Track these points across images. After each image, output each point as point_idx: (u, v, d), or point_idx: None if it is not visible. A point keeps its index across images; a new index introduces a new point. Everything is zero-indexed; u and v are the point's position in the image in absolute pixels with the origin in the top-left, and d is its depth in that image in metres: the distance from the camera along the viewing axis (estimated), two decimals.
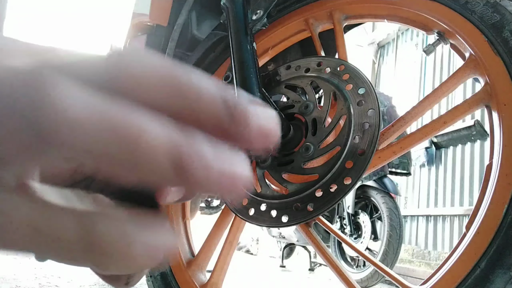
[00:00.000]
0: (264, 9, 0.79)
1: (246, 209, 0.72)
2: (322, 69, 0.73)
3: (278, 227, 1.01)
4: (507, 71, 0.61)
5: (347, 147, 0.64)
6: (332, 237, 3.28)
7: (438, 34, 0.74)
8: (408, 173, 3.05)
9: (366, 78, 0.68)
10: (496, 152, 0.61)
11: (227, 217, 0.90)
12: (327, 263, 0.73)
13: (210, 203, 2.40)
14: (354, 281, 0.70)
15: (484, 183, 0.61)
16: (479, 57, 0.66)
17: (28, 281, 1.43)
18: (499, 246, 0.54)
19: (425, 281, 0.62)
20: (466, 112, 0.68)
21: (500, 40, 0.63)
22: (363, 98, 0.66)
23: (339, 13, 0.87)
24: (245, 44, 0.74)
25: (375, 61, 6.06)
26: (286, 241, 4.01)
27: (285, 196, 0.68)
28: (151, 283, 0.92)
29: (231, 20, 0.77)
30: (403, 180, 4.65)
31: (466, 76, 0.70)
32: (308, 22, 0.91)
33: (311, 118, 0.69)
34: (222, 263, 0.86)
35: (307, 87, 0.74)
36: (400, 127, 0.70)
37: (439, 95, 0.71)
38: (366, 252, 2.92)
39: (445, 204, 4.20)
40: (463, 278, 0.56)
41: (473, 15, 0.67)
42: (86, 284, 1.58)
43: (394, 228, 2.74)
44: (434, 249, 4.12)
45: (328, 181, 0.64)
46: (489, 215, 0.57)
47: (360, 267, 3.20)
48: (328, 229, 0.76)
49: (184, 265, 0.90)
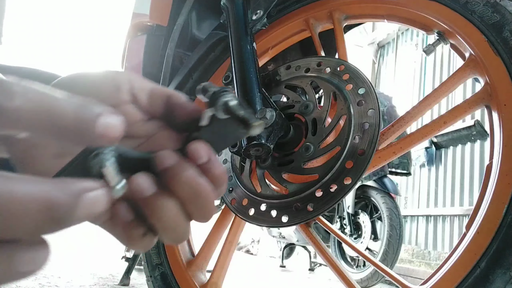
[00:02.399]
0: (264, 9, 0.79)
1: (246, 209, 0.72)
2: (322, 69, 0.73)
3: (278, 227, 1.01)
4: (507, 71, 0.61)
5: (347, 147, 0.64)
6: (332, 237, 3.28)
7: (438, 34, 0.74)
8: (408, 173, 3.05)
9: (366, 78, 0.68)
10: (496, 152, 0.61)
11: (227, 217, 0.90)
12: (327, 263, 0.73)
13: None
14: (354, 281, 0.70)
15: (484, 183, 0.61)
16: (479, 57, 0.66)
17: (28, 281, 1.43)
18: (499, 246, 0.54)
19: (425, 281, 0.62)
20: (466, 112, 0.68)
21: (500, 40, 0.63)
22: (363, 98, 0.66)
23: (339, 13, 0.87)
24: (245, 44, 0.74)
25: (375, 61, 6.06)
26: (286, 241, 4.01)
27: (285, 196, 0.68)
28: (151, 283, 0.92)
29: (231, 20, 0.77)
30: (403, 180, 4.65)
31: (466, 76, 0.70)
32: (308, 22, 0.91)
33: (311, 118, 0.69)
34: (222, 263, 0.86)
35: (307, 87, 0.74)
36: (400, 127, 0.70)
37: (439, 95, 0.71)
38: (366, 252, 2.92)
39: (445, 204, 4.20)
40: (463, 278, 0.56)
41: (473, 15, 0.67)
42: (86, 284, 1.58)
43: (394, 228, 2.74)
44: (434, 249, 4.12)
45: (328, 181, 0.64)
46: (489, 215, 0.57)
47: (360, 267, 3.20)
48: (328, 229, 0.76)
49: (184, 265, 0.90)
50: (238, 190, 0.76)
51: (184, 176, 0.27)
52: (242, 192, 0.75)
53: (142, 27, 1.17)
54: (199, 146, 0.29)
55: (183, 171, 0.28)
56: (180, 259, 0.90)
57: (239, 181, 0.76)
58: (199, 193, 0.28)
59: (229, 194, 0.77)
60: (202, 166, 0.29)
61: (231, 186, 0.77)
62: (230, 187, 0.77)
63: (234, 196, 0.76)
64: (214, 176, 0.29)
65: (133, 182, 0.27)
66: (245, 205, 0.73)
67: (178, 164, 0.28)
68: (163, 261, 0.91)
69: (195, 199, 0.28)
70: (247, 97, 0.69)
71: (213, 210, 0.30)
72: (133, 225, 0.28)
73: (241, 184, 0.76)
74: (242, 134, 0.32)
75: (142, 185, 0.27)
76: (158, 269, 0.91)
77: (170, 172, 0.28)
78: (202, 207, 0.29)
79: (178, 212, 0.28)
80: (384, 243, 2.73)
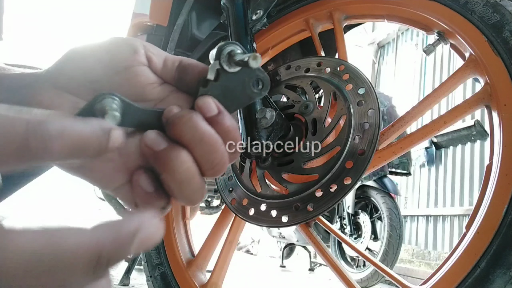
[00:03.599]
0: (264, 9, 0.79)
1: (246, 209, 0.72)
2: (322, 69, 0.73)
3: (278, 227, 1.01)
4: (507, 71, 0.61)
5: (347, 147, 0.64)
6: (332, 237, 3.28)
7: (438, 34, 0.74)
8: (408, 173, 3.05)
9: (366, 78, 0.68)
10: (496, 152, 0.61)
11: (227, 217, 0.90)
12: (327, 263, 0.73)
13: (210, 203, 2.40)
14: (354, 281, 0.70)
15: (484, 183, 0.61)
16: (479, 57, 0.66)
17: None
18: (499, 246, 0.54)
19: (425, 281, 0.62)
20: (466, 112, 0.68)
21: (500, 40, 0.63)
22: (363, 98, 0.66)
23: (339, 13, 0.87)
24: (245, 44, 0.74)
25: (375, 61, 6.06)
26: (286, 241, 4.01)
27: (285, 196, 0.68)
28: (151, 283, 0.92)
29: (231, 20, 0.77)
30: (403, 180, 4.65)
31: (466, 76, 0.70)
32: (308, 22, 0.91)
33: (311, 118, 0.69)
34: (222, 263, 0.86)
35: (307, 87, 0.74)
36: (400, 127, 0.70)
37: (439, 95, 0.71)
38: (366, 252, 2.92)
39: (445, 204, 4.20)
40: (463, 278, 0.56)
41: (473, 15, 0.67)
42: None
43: (394, 228, 2.74)
44: (434, 249, 4.12)
45: (328, 181, 0.64)
46: (489, 215, 0.57)
47: (360, 267, 3.20)
48: (328, 229, 0.76)
49: (184, 265, 0.90)
50: (238, 190, 0.76)
51: (188, 122, 0.27)
52: (242, 192, 0.75)
53: (142, 27, 1.17)
54: (206, 100, 0.29)
55: (187, 118, 0.28)
56: (180, 259, 0.90)
57: (239, 181, 0.76)
58: (206, 141, 0.28)
59: (229, 194, 0.77)
60: (211, 119, 0.29)
61: (231, 186, 0.77)
62: (230, 187, 0.77)
63: (234, 196, 0.76)
64: (224, 129, 0.29)
65: (144, 139, 0.28)
66: (245, 205, 0.73)
67: (182, 113, 0.28)
68: (163, 261, 0.91)
69: (203, 149, 0.28)
70: None
71: (225, 163, 0.29)
72: (153, 197, 0.29)
73: (241, 184, 0.76)
74: (250, 91, 0.31)
75: (152, 141, 0.28)
76: (158, 269, 0.91)
77: (175, 121, 0.28)
78: (212, 158, 0.28)
79: (191, 165, 0.28)
80: (384, 243, 2.73)
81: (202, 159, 0.28)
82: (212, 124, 0.28)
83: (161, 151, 0.27)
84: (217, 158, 0.28)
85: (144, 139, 0.28)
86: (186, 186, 0.28)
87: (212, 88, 0.30)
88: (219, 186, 0.79)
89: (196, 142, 0.28)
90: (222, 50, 0.30)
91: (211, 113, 0.29)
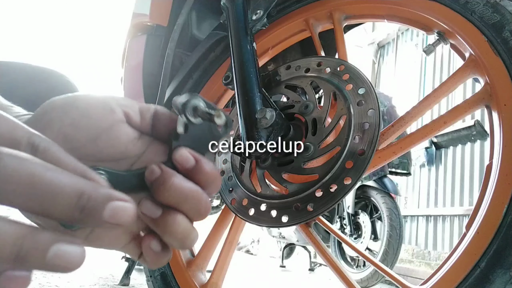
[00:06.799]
0: (264, 9, 0.79)
1: (246, 209, 0.72)
2: (322, 69, 0.73)
3: (278, 227, 1.01)
4: (507, 71, 0.61)
5: (347, 147, 0.64)
6: (332, 237, 3.28)
7: (438, 34, 0.74)
8: (408, 173, 3.05)
9: (366, 78, 0.68)
10: (496, 152, 0.61)
11: (227, 217, 0.90)
12: (327, 263, 0.73)
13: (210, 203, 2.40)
14: (354, 281, 0.70)
15: (484, 183, 0.61)
16: (479, 57, 0.66)
17: None
18: (499, 246, 0.54)
19: (425, 281, 0.62)
20: (466, 112, 0.68)
21: (500, 40, 0.63)
22: (363, 98, 0.66)
23: (339, 13, 0.87)
24: (245, 44, 0.74)
25: (375, 61, 6.06)
26: (286, 241, 4.01)
27: (285, 196, 0.68)
28: (151, 283, 0.92)
29: (231, 20, 0.77)
30: (403, 180, 4.65)
31: (466, 76, 0.70)
32: (308, 22, 0.91)
33: (311, 118, 0.69)
34: (222, 263, 0.86)
35: (307, 87, 0.74)
36: (400, 127, 0.70)
37: (439, 95, 0.71)
38: (366, 252, 2.92)
39: (445, 204, 4.20)
40: (463, 278, 0.56)
41: (473, 15, 0.67)
42: (86, 284, 1.58)
43: (394, 228, 2.74)
44: (434, 249, 4.12)
45: (328, 181, 0.64)
46: (489, 215, 0.57)
47: (360, 267, 3.20)
48: (328, 229, 0.76)
49: (184, 265, 0.90)
50: (238, 190, 0.76)
51: (172, 187, 0.30)
52: (242, 192, 0.75)
53: (142, 27, 1.16)
54: (182, 152, 0.31)
55: (170, 184, 0.30)
56: (180, 259, 0.90)
57: (239, 181, 0.76)
58: (191, 198, 0.30)
59: (229, 194, 0.77)
60: (191, 170, 0.31)
61: (231, 186, 0.77)
62: (230, 187, 0.77)
63: (234, 196, 0.76)
64: (204, 175, 0.31)
65: (141, 209, 0.30)
66: (245, 205, 0.73)
67: (164, 178, 0.30)
68: None
69: (190, 204, 0.31)
70: (247, 97, 0.69)
71: (208, 208, 0.32)
72: (161, 254, 0.32)
73: (241, 184, 0.76)
74: (217, 133, 0.34)
75: (149, 210, 0.30)
76: (158, 269, 0.91)
77: (160, 188, 0.30)
78: (198, 208, 0.31)
79: (187, 223, 0.31)
80: (384, 243, 2.73)
81: (190, 212, 0.31)
82: (193, 174, 0.31)
83: (159, 218, 0.31)
84: (202, 207, 0.32)
85: (142, 209, 0.30)
86: (186, 240, 0.32)
87: (183, 139, 0.32)
88: None
89: (182, 201, 0.30)
90: (186, 106, 0.32)
91: (189, 165, 0.31)
